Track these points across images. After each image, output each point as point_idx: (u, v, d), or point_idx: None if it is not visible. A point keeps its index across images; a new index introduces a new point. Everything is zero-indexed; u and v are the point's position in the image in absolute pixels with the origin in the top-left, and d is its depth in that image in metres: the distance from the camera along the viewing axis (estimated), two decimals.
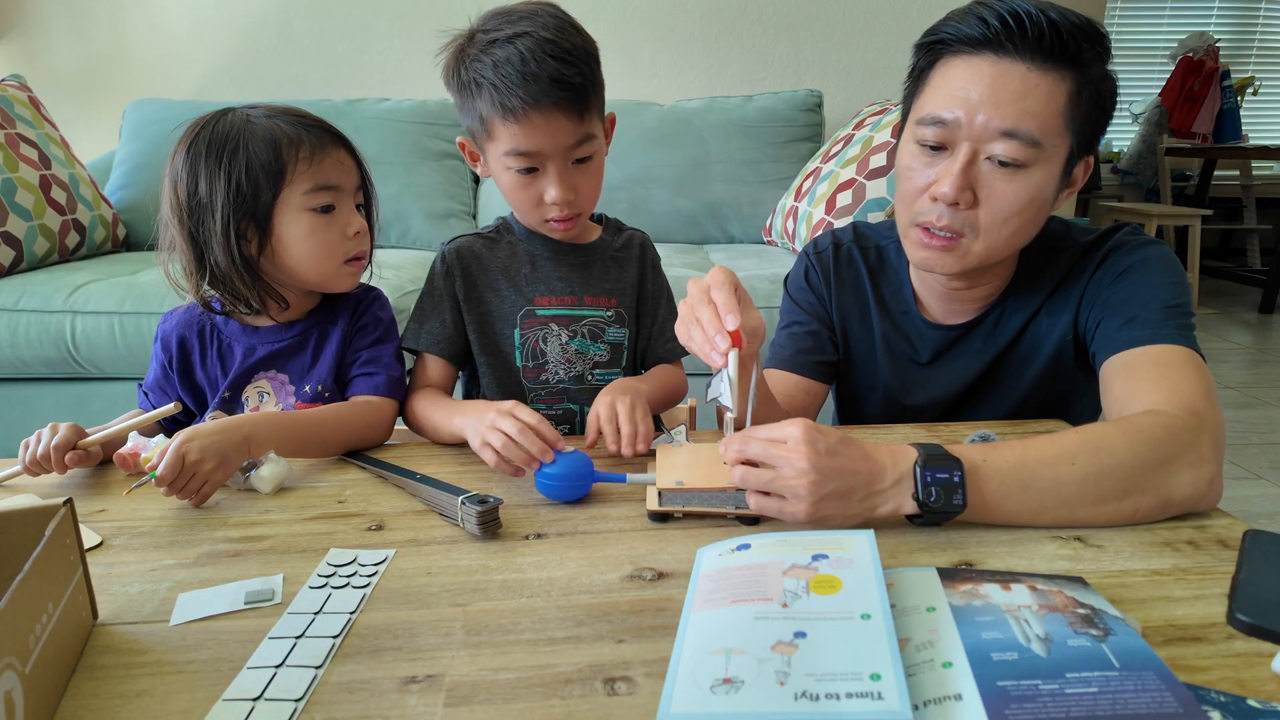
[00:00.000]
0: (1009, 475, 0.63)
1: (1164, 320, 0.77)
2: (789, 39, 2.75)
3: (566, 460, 0.72)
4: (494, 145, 0.85)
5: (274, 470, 0.75)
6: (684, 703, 0.42)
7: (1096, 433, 0.66)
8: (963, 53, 0.76)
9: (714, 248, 2.36)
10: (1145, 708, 0.39)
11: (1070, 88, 0.73)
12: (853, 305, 1.00)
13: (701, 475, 0.69)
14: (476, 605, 0.56)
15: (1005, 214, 0.77)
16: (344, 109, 2.43)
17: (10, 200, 1.86)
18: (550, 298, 0.97)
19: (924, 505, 0.62)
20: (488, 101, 0.81)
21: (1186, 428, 0.66)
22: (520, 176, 0.85)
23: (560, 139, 0.83)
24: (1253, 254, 4.57)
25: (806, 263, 1.03)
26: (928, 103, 0.79)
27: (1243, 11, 4.71)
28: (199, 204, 0.82)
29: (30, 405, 1.80)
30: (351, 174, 0.88)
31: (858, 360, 1.01)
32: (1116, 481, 0.64)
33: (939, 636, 0.46)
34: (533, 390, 0.97)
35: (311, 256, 0.86)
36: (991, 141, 0.75)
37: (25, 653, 0.42)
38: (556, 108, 0.80)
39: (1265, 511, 1.92)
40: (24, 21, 2.65)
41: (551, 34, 0.80)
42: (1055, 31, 0.71)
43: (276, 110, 0.86)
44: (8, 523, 0.51)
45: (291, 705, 0.45)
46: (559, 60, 0.79)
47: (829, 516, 0.62)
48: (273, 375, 0.91)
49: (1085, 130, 0.76)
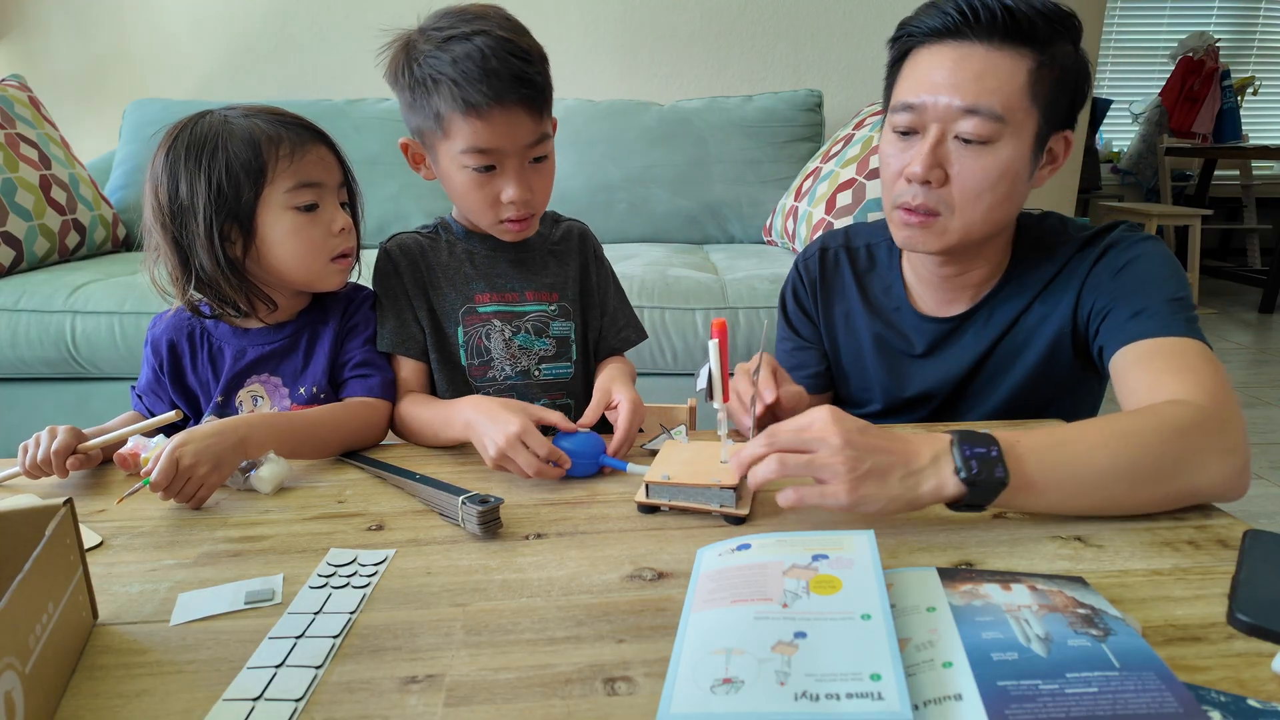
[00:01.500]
0: (1045, 454, 0.63)
1: (1172, 313, 0.78)
2: (789, 39, 2.75)
3: (579, 439, 0.76)
4: (449, 144, 0.83)
5: (274, 470, 0.75)
6: (684, 703, 0.42)
7: (1125, 421, 0.67)
8: (927, 43, 0.81)
9: (714, 248, 2.36)
10: (1145, 708, 0.39)
11: (1030, 65, 0.77)
12: (839, 313, 1.02)
13: (693, 472, 0.69)
14: (476, 605, 0.56)
15: (977, 189, 0.80)
16: (344, 109, 2.43)
17: (10, 200, 1.86)
18: (490, 294, 0.96)
19: (968, 480, 0.61)
20: (447, 97, 0.80)
21: (1213, 417, 0.67)
22: (477, 175, 0.84)
23: (520, 137, 0.83)
24: (1253, 254, 4.57)
25: (795, 279, 1.06)
26: (899, 92, 0.83)
27: (1243, 11, 4.71)
28: (180, 207, 0.82)
29: (30, 405, 1.80)
30: (333, 170, 0.87)
31: (849, 365, 1.03)
32: (1149, 468, 0.64)
33: (939, 636, 0.46)
34: (480, 388, 0.96)
35: (297, 255, 0.85)
36: (956, 120, 0.78)
37: (25, 653, 0.42)
38: (519, 104, 0.80)
39: (1265, 511, 1.92)
40: (24, 21, 2.65)
41: (509, 34, 0.81)
42: (1009, 14, 0.76)
43: (255, 110, 0.85)
44: (8, 523, 0.51)
45: (291, 705, 0.45)
46: (519, 59, 0.80)
47: (870, 496, 0.60)
48: (265, 378, 0.91)
49: (1053, 106, 0.79)
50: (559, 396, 0.99)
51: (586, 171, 2.40)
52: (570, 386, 1.00)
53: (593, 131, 2.42)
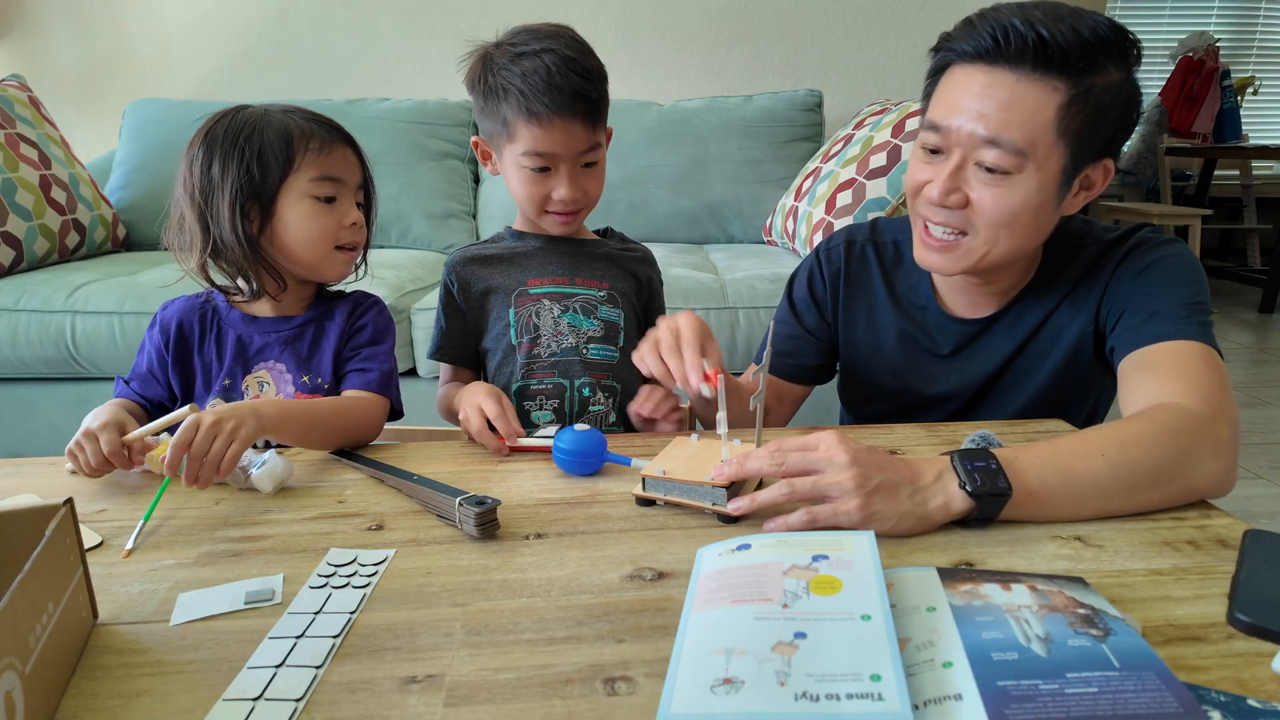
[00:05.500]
0: (1045, 467, 0.65)
1: (1186, 317, 0.78)
2: (789, 39, 2.75)
3: (583, 437, 0.77)
4: (512, 146, 0.92)
5: (274, 470, 0.75)
6: (684, 703, 0.42)
7: (1120, 429, 0.68)
8: (961, 63, 0.79)
9: (714, 248, 2.36)
10: (1145, 708, 0.39)
11: (1062, 99, 0.74)
12: (861, 308, 1.01)
13: (690, 469, 0.70)
14: (476, 605, 0.56)
15: (996, 219, 0.79)
16: (344, 109, 2.43)
17: (10, 200, 1.86)
18: (542, 279, 1.02)
19: (975, 494, 0.62)
20: (513, 105, 0.89)
21: (1203, 418, 0.68)
22: (534, 175, 0.93)
23: (574, 145, 0.92)
24: (1253, 254, 4.57)
25: (813, 266, 1.04)
26: (931, 109, 0.82)
27: (1243, 11, 4.71)
28: (211, 181, 0.87)
29: (30, 405, 1.80)
30: (355, 171, 0.93)
31: (864, 362, 1.02)
32: (1146, 472, 0.65)
33: (939, 636, 0.46)
34: (526, 365, 1.00)
35: (307, 239, 0.90)
36: (978, 149, 0.78)
37: (25, 653, 0.42)
38: (575, 116, 0.89)
39: (1265, 511, 1.92)
40: (24, 21, 2.65)
41: (574, 54, 0.90)
42: (1041, 43, 0.73)
43: (292, 108, 0.92)
44: (8, 523, 0.51)
45: (291, 705, 0.45)
46: (580, 76, 0.89)
47: (881, 513, 0.62)
48: (271, 365, 0.94)
49: (1085, 138, 0.76)
50: (603, 377, 1.02)
51: None
52: (616, 370, 1.02)
53: None
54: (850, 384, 1.05)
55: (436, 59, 2.70)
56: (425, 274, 2.02)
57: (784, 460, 0.65)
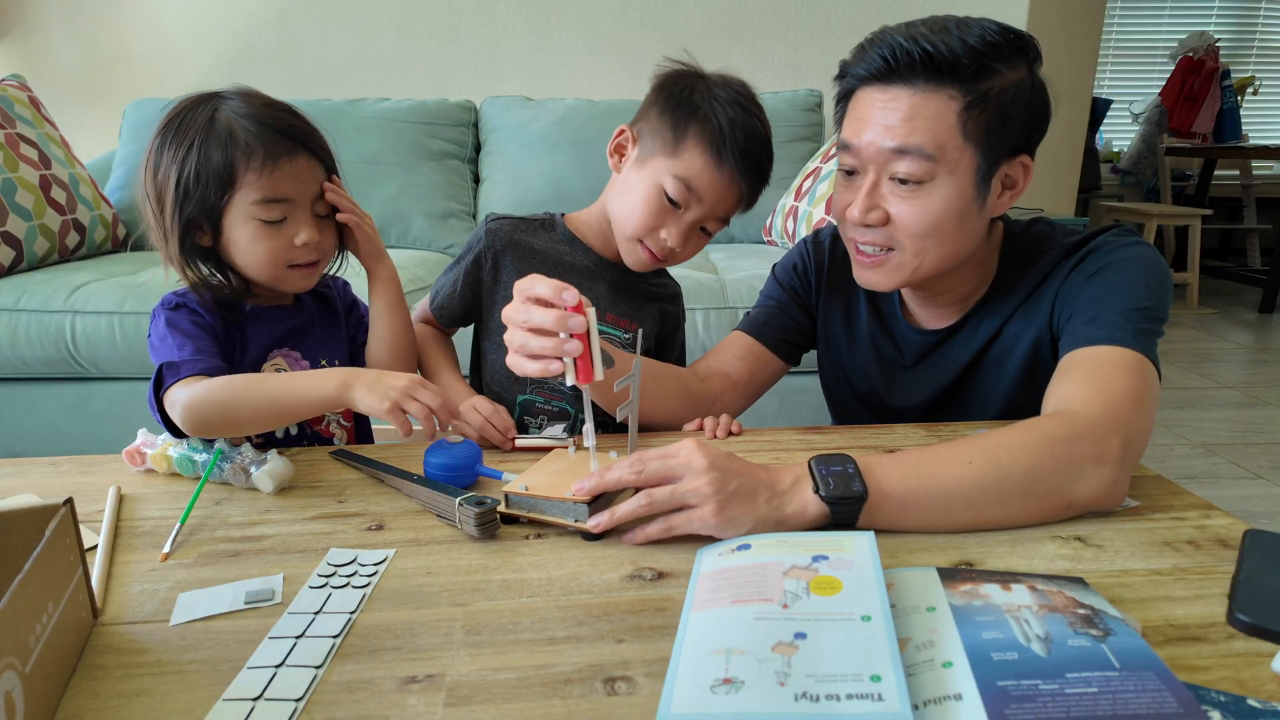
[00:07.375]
0: (908, 473, 0.64)
1: (1123, 322, 0.76)
2: (789, 39, 2.75)
3: (455, 451, 0.75)
4: (666, 161, 0.91)
5: (274, 470, 0.75)
6: (684, 703, 0.42)
7: (996, 436, 0.67)
8: (862, 87, 0.81)
9: (714, 247, 2.36)
10: (1145, 708, 0.39)
11: (959, 105, 0.75)
12: (838, 304, 1.02)
13: (554, 485, 0.67)
14: (476, 605, 0.56)
15: (918, 230, 0.80)
16: (344, 109, 2.43)
17: (10, 200, 1.86)
18: None
19: (828, 498, 0.62)
20: (695, 134, 0.90)
21: (1093, 428, 0.66)
22: (663, 201, 0.92)
23: (723, 203, 0.93)
24: (1253, 254, 4.58)
25: (801, 252, 1.05)
26: (843, 131, 0.84)
27: (1243, 11, 4.72)
28: (162, 193, 0.83)
29: (30, 405, 1.80)
30: (309, 185, 0.86)
31: (841, 360, 1.03)
32: (1015, 482, 0.64)
33: (939, 636, 0.46)
34: (537, 383, 1.00)
35: (256, 259, 0.86)
36: (889, 162, 0.79)
37: (25, 653, 0.42)
38: (741, 176, 0.91)
39: (1265, 511, 1.92)
40: (24, 21, 2.65)
41: (761, 130, 0.93)
42: (929, 58, 0.75)
43: (256, 106, 0.86)
44: (8, 523, 0.51)
45: (291, 705, 0.45)
46: (760, 147, 0.93)
47: (737, 518, 0.61)
48: (286, 352, 0.93)
49: (994, 138, 0.77)
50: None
51: (586, 171, 2.39)
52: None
53: (593, 131, 2.42)
54: (830, 379, 1.06)
55: (436, 59, 2.70)
56: (425, 274, 2.02)
57: (644, 469, 0.64)
